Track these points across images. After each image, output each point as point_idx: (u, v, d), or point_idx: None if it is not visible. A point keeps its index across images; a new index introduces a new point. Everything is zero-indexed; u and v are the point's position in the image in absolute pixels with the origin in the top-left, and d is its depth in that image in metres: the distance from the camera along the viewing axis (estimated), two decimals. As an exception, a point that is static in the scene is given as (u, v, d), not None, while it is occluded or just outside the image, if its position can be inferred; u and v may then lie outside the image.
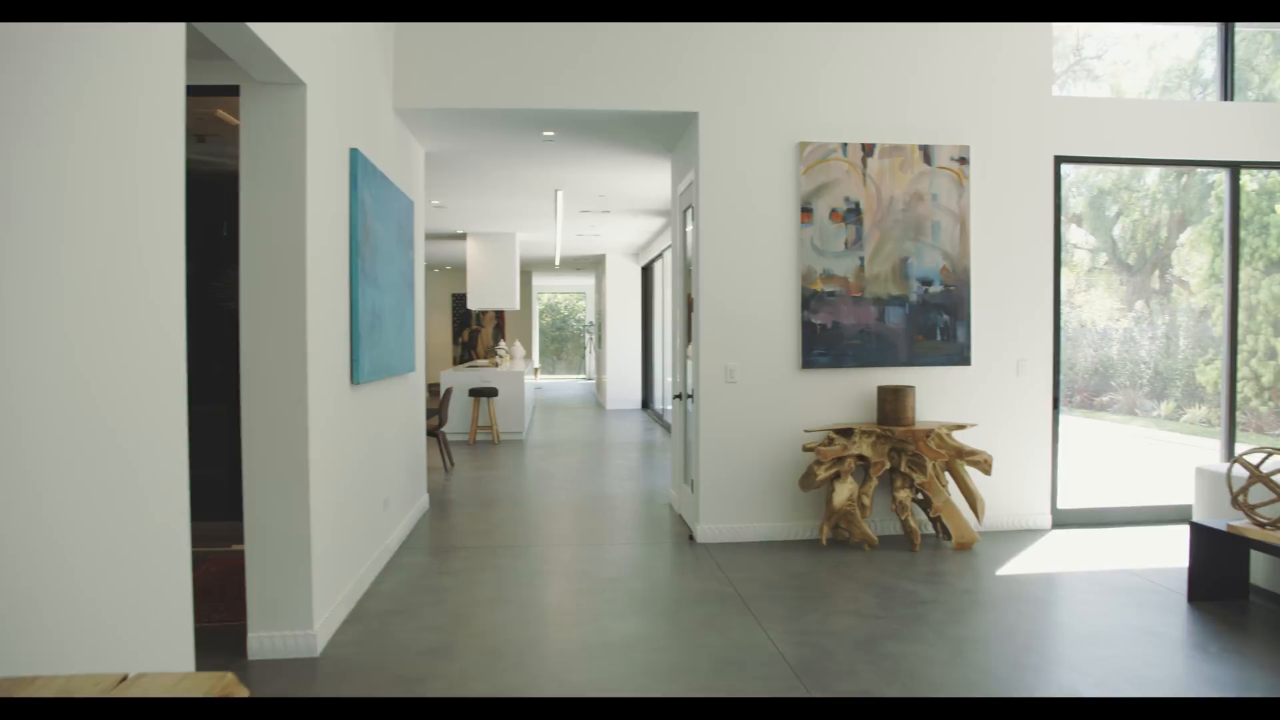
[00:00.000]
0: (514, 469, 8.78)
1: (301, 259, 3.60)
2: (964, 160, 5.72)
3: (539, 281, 21.31)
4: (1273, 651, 3.78)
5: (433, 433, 8.31)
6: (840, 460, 5.37)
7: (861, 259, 5.65)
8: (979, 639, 3.91)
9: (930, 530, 5.76)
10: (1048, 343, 5.90)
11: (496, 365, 12.74)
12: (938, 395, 5.80)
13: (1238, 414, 6.43)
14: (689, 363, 6.13)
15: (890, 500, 5.54)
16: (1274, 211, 11.05)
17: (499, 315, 18.60)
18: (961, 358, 5.77)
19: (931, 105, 5.73)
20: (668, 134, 6.22)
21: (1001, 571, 4.97)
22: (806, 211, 5.61)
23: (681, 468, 6.44)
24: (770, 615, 4.20)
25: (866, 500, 5.38)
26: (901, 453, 5.42)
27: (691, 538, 5.74)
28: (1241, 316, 6.45)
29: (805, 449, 5.45)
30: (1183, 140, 6.02)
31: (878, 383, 5.72)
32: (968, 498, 5.48)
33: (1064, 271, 6.01)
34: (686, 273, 6.30)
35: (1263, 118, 6.14)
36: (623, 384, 15.49)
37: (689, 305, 6.12)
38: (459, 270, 17.42)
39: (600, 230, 12.21)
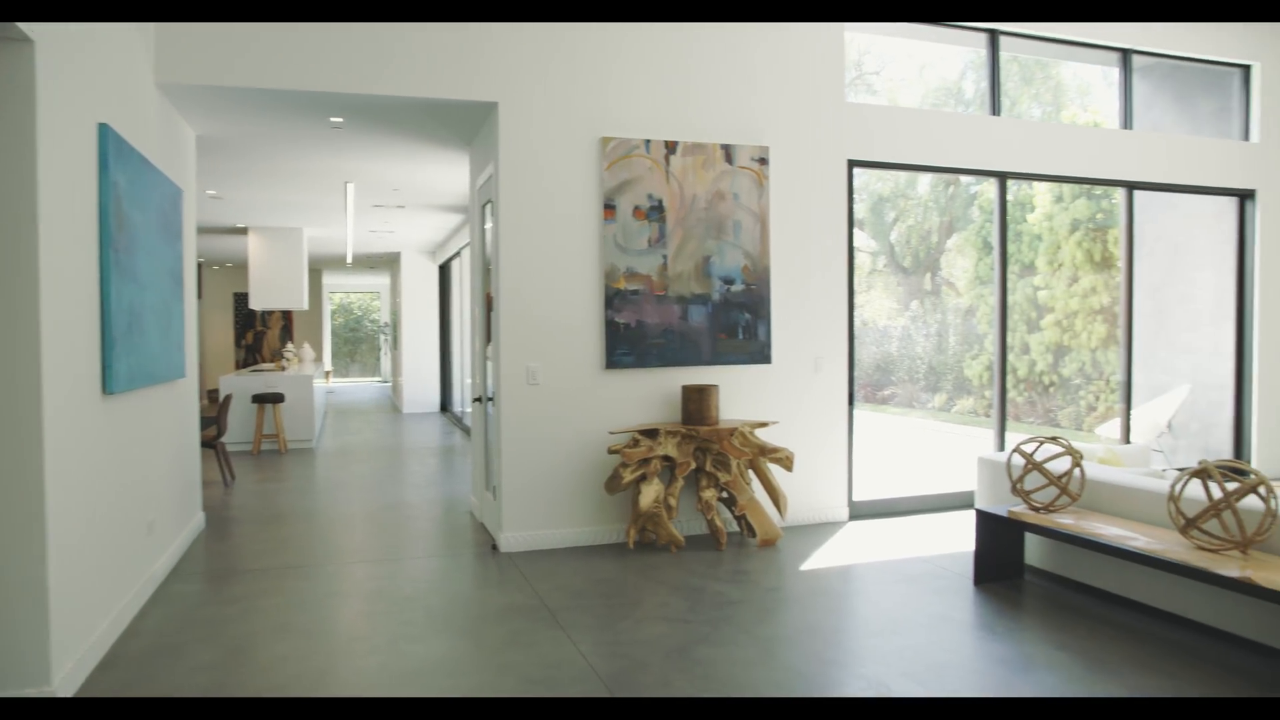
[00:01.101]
0: (303, 480, 8.17)
1: (33, 249, 3.08)
2: (764, 161, 5.80)
3: (330, 280, 20.30)
4: (1047, 626, 4.02)
5: (210, 444, 7.60)
6: (646, 462, 5.30)
7: (665, 257, 5.62)
8: (786, 637, 3.92)
9: (736, 528, 5.81)
10: (843, 340, 6.10)
11: (283, 369, 11.90)
12: (740, 394, 5.85)
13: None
14: (489, 364, 5.88)
15: (696, 500, 5.53)
16: (1025, 220, 12.13)
17: (286, 316, 17.48)
18: (763, 356, 5.85)
19: (733, 105, 5.78)
20: (466, 125, 5.93)
21: (805, 566, 5.06)
22: (610, 208, 5.51)
23: (483, 473, 6.17)
24: (580, 626, 4.04)
25: (673, 501, 5.34)
26: (706, 452, 5.42)
27: (495, 547, 5.50)
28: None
29: (611, 451, 5.34)
30: (960, 150, 6.40)
31: (682, 382, 5.70)
32: (771, 494, 5.56)
33: (854, 272, 6.23)
34: (486, 271, 6.04)
35: (1027, 133, 6.64)
36: (420, 386, 14.95)
37: (488, 304, 5.87)
38: (241, 267, 16.21)
39: (395, 226, 11.67)
